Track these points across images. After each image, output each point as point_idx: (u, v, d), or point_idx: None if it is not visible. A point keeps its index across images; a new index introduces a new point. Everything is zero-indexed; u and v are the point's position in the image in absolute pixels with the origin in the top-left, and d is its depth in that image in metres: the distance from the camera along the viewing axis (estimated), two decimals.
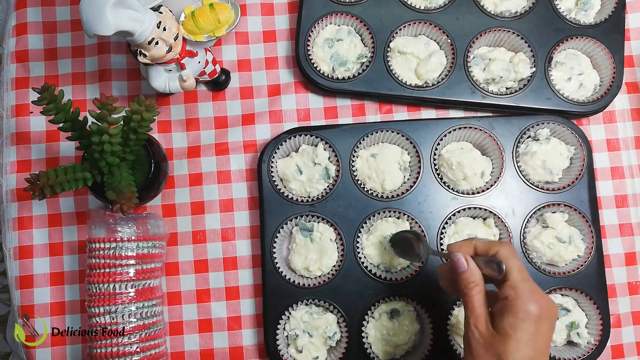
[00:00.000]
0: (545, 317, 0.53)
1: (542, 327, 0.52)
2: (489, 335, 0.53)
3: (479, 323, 0.54)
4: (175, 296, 0.77)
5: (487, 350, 0.53)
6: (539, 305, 0.52)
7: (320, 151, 0.76)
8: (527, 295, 0.53)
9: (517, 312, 0.52)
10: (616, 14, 0.79)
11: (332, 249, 0.75)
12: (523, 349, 0.51)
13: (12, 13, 0.84)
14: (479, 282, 0.56)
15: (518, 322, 0.52)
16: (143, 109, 0.62)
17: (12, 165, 0.80)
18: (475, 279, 0.56)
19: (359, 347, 0.73)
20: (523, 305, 0.52)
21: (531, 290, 0.53)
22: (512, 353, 0.51)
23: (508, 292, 0.54)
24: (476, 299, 0.55)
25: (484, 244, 0.58)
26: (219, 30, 0.69)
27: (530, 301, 0.52)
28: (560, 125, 0.77)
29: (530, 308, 0.52)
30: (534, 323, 0.52)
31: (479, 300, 0.55)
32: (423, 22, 0.80)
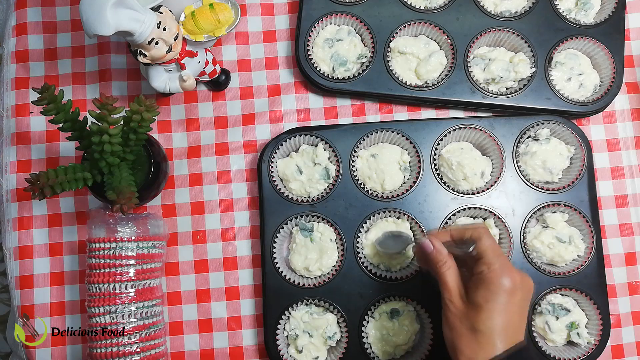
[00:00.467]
0: (518, 289, 0.56)
1: (515, 299, 0.55)
2: (463, 308, 0.56)
3: (452, 297, 0.57)
4: (175, 296, 0.77)
5: (462, 321, 0.56)
6: (511, 278, 0.56)
7: (320, 151, 0.76)
8: (499, 270, 0.56)
9: (489, 285, 0.55)
10: (616, 14, 0.79)
11: (332, 249, 0.75)
12: (495, 317, 0.54)
13: (12, 13, 0.84)
14: (447, 259, 0.59)
15: (490, 294, 0.55)
16: (143, 109, 0.62)
17: (12, 165, 0.80)
18: (443, 257, 0.59)
19: (359, 347, 0.73)
20: (495, 279, 0.55)
21: (503, 265, 0.56)
22: (484, 322, 0.54)
23: (482, 268, 0.57)
24: (447, 275, 0.58)
25: (457, 230, 0.62)
26: (219, 30, 0.69)
27: (503, 275, 0.56)
28: (560, 125, 0.77)
29: (503, 281, 0.55)
30: (506, 295, 0.55)
31: (450, 276, 0.58)
32: (423, 22, 0.80)
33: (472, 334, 0.55)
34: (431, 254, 0.60)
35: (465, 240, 0.60)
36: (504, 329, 0.54)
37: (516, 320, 0.56)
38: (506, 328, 0.55)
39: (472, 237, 0.59)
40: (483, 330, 0.54)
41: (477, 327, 0.55)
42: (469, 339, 0.55)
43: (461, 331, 0.56)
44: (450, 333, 0.57)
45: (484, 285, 0.56)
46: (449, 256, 0.60)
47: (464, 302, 0.57)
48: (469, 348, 0.55)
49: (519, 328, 0.56)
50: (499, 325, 0.54)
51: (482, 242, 0.58)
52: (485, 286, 0.56)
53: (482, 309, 0.55)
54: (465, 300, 0.57)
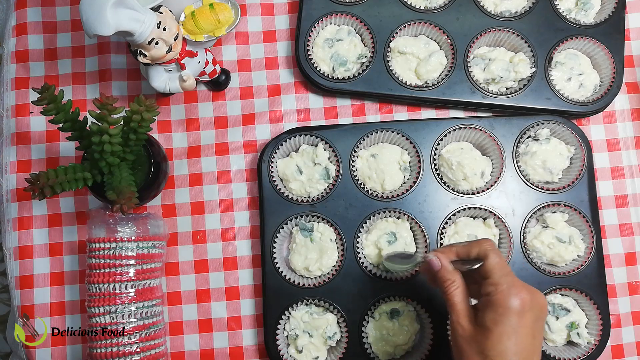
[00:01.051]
0: (528, 310, 0.53)
1: (525, 320, 0.53)
2: (471, 331, 0.54)
3: (460, 319, 0.55)
4: (175, 296, 0.77)
5: (470, 345, 0.53)
6: (520, 299, 0.53)
7: (320, 151, 0.76)
8: (507, 290, 0.53)
9: (497, 308, 0.53)
10: (616, 14, 0.79)
11: (332, 249, 0.75)
12: (504, 342, 0.52)
13: (12, 13, 0.84)
14: (455, 279, 0.57)
15: (498, 316, 0.52)
16: (143, 109, 0.62)
17: (12, 165, 0.80)
18: (451, 276, 0.57)
19: (359, 347, 0.73)
20: (503, 300, 0.53)
21: (511, 284, 0.54)
22: (494, 347, 0.52)
23: (489, 289, 0.54)
24: (455, 295, 0.56)
25: (463, 247, 0.59)
26: (219, 30, 0.69)
27: (510, 296, 0.53)
28: (560, 125, 0.77)
29: (511, 302, 0.53)
30: (516, 317, 0.52)
31: (458, 297, 0.56)
32: (423, 22, 0.80)
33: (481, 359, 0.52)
34: (439, 272, 0.58)
35: (472, 257, 0.58)
36: (516, 353, 0.52)
37: (528, 342, 0.53)
38: (518, 352, 0.52)
39: (479, 255, 0.57)
40: (493, 356, 0.52)
41: (486, 352, 0.52)
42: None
43: (470, 356, 0.53)
44: (458, 356, 0.55)
45: (492, 307, 0.53)
46: (456, 274, 0.57)
47: (473, 325, 0.54)
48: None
49: (533, 351, 0.53)
50: (509, 350, 0.51)
51: (488, 260, 0.56)
52: (493, 308, 0.53)
53: (491, 332, 0.52)
54: (474, 323, 0.54)
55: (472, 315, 0.55)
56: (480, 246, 0.57)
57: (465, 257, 0.59)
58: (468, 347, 0.53)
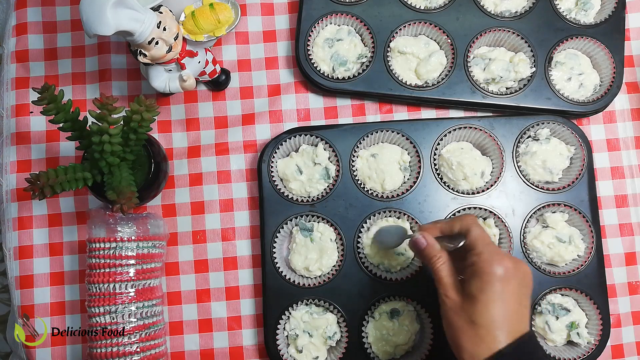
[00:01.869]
0: (512, 276, 0.54)
1: (510, 287, 0.54)
2: (459, 301, 0.55)
3: (447, 291, 0.56)
4: (175, 296, 0.77)
5: (460, 315, 0.55)
6: (503, 266, 0.54)
7: (320, 151, 0.76)
8: (490, 258, 0.55)
9: (482, 275, 0.54)
10: (616, 14, 0.79)
11: (332, 249, 0.75)
12: (491, 308, 0.53)
13: (12, 13, 0.84)
14: (441, 255, 0.59)
15: (483, 284, 0.54)
16: (143, 109, 0.62)
17: (12, 165, 0.80)
18: (436, 252, 0.59)
19: (359, 347, 0.73)
20: (487, 268, 0.54)
21: (493, 252, 0.55)
22: (482, 314, 0.53)
23: (473, 259, 0.56)
24: (441, 270, 0.58)
25: (446, 224, 0.61)
26: (219, 30, 0.69)
27: (493, 263, 0.54)
28: (560, 125, 0.77)
29: (494, 270, 0.54)
30: (500, 283, 0.54)
31: (444, 271, 0.58)
32: (423, 22, 0.80)
33: (471, 328, 0.53)
34: (425, 250, 0.60)
35: (455, 233, 0.60)
36: (504, 319, 0.53)
37: (515, 308, 0.54)
38: (506, 318, 0.53)
39: (461, 230, 0.59)
40: (481, 323, 0.53)
41: (475, 319, 0.53)
42: (468, 333, 0.53)
43: (460, 326, 0.54)
44: (449, 329, 0.56)
45: (476, 276, 0.55)
46: (442, 251, 0.59)
47: (460, 295, 0.56)
48: (470, 342, 0.53)
49: (520, 317, 0.54)
50: (498, 316, 0.53)
51: (470, 233, 0.58)
52: (478, 277, 0.54)
53: (477, 300, 0.53)
54: (461, 294, 0.56)
55: (459, 287, 0.57)
56: (463, 221, 0.59)
57: (448, 233, 0.61)
58: (457, 318, 0.55)
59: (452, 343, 0.56)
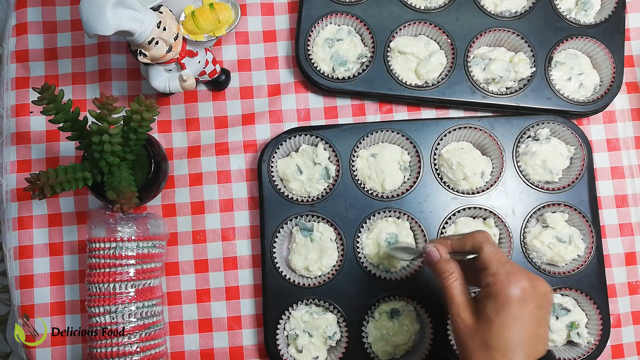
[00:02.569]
0: (530, 298, 0.51)
1: (527, 308, 0.51)
2: (473, 323, 0.52)
3: (461, 312, 0.53)
4: (175, 296, 0.77)
5: (473, 338, 0.52)
6: (520, 288, 0.51)
7: (320, 151, 0.76)
8: (506, 279, 0.52)
9: (498, 297, 0.51)
10: (616, 14, 0.79)
11: (332, 249, 0.75)
12: (507, 332, 0.50)
13: (12, 13, 0.84)
14: (454, 271, 0.55)
15: (499, 307, 0.51)
16: (143, 108, 0.62)
17: (12, 165, 0.80)
18: (450, 268, 0.56)
19: (359, 347, 0.73)
20: (503, 290, 0.51)
21: (509, 273, 0.52)
22: (497, 337, 0.50)
23: (488, 280, 0.53)
24: (454, 288, 0.55)
25: (457, 241, 0.58)
26: (219, 30, 0.69)
27: (510, 284, 0.51)
28: (560, 125, 0.77)
29: (511, 291, 0.51)
30: (517, 305, 0.51)
31: (457, 289, 0.55)
32: (423, 22, 0.80)
33: (485, 352, 0.51)
34: (437, 264, 0.57)
35: (466, 251, 0.57)
36: (520, 342, 0.50)
37: (533, 331, 0.51)
38: (523, 342, 0.50)
39: (473, 247, 0.56)
40: (496, 346, 0.50)
41: (489, 343, 0.50)
42: (482, 357, 0.51)
43: (473, 349, 0.51)
44: (463, 352, 0.53)
45: (492, 298, 0.52)
46: (455, 267, 0.56)
47: (474, 317, 0.53)
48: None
49: (538, 340, 0.52)
50: (514, 340, 0.50)
51: (483, 251, 0.54)
52: (493, 299, 0.52)
53: (492, 323, 0.51)
54: (475, 315, 0.53)
55: (472, 307, 0.54)
56: (474, 239, 0.56)
57: (459, 250, 0.58)
58: (470, 341, 0.52)
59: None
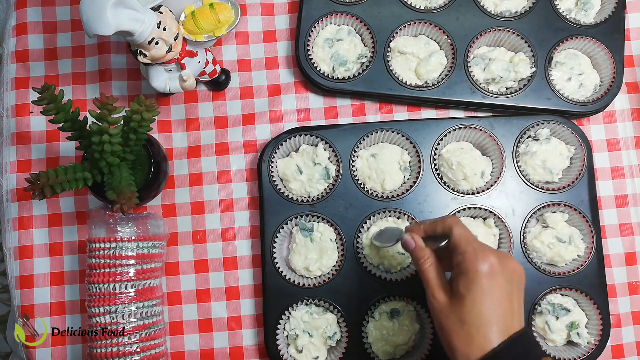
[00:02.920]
0: (498, 272, 0.53)
1: (497, 282, 0.53)
2: (446, 302, 0.55)
3: (435, 292, 0.56)
4: (175, 296, 0.77)
5: (448, 316, 0.54)
6: (487, 263, 0.53)
7: (320, 151, 0.76)
8: (474, 256, 0.54)
9: (467, 273, 0.54)
10: (616, 14, 0.79)
11: (332, 249, 0.75)
12: (479, 305, 0.52)
13: (12, 13, 0.84)
14: (428, 256, 0.58)
15: (469, 282, 0.53)
16: (143, 109, 0.62)
17: (12, 165, 0.80)
18: (425, 254, 0.58)
19: (359, 347, 0.73)
20: (471, 266, 0.54)
21: (477, 250, 0.55)
22: (470, 312, 0.52)
23: (458, 259, 0.55)
24: (429, 271, 0.57)
25: (429, 224, 0.60)
26: (219, 30, 0.69)
27: (478, 260, 0.54)
28: (560, 125, 0.77)
29: (479, 266, 0.53)
30: (486, 279, 0.53)
31: (432, 272, 0.57)
32: (423, 22, 0.80)
33: (461, 328, 0.53)
34: (413, 251, 0.60)
35: (438, 233, 0.59)
36: (493, 316, 0.52)
37: (505, 305, 0.53)
38: (496, 315, 0.52)
39: (444, 230, 0.58)
40: (470, 321, 0.52)
41: (463, 318, 0.52)
42: (459, 333, 0.53)
43: (450, 327, 0.53)
44: (441, 331, 0.55)
45: (462, 274, 0.54)
46: (429, 252, 0.59)
47: (447, 296, 0.55)
48: (461, 343, 0.52)
49: (511, 314, 0.53)
50: (486, 313, 0.52)
51: (453, 233, 0.57)
52: (463, 275, 0.54)
53: (464, 298, 0.53)
54: (449, 294, 0.55)
55: (446, 287, 0.56)
56: (445, 222, 0.58)
57: (431, 234, 0.60)
58: (446, 319, 0.54)
59: (445, 345, 0.55)
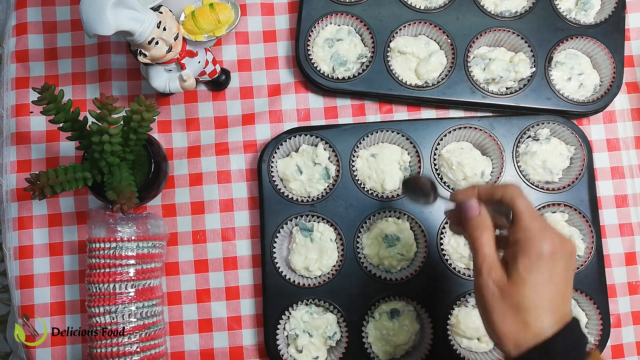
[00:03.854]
0: (560, 256, 0.49)
1: (559, 267, 0.48)
2: (504, 284, 0.49)
3: (492, 271, 0.49)
4: (175, 296, 0.77)
5: (504, 300, 0.48)
6: (551, 243, 0.49)
7: (320, 151, 0.76)
8: (539, 235, 0.49)
9: (530, 254, 0.48)
10: (616, 14, 0.79)
11: (332, 249, 0.75)
12: (541, 291, 0.48)
13: (12, 13, 0.84)
14: (489, 228, 0.52)
15: (532, 264, 0.48)
16: (143, 109, 0.63)
17: (12, 165, 0.80)
18: (487, 224, 0.52)
19: (359, 347, 0.73)
20: (535, 246, 0.48)
21: (542, 228, 0.49)
22: (530, 297, 0.47)
23: (518, 235, 0.50)
24: (487, 246, 0.51)
25: (487, 189, 0.53)
26: (219, 30, 0.69)
27: (542, 240, 0.48)
28: (560, 125, 0.77)
29: (544, 247, 0.48)
30: (549, 262, 0.48)
31: (490, 247, 0.51)
32: (423, 22, 0.80)
33: (516, 313, 0.47)
34: (475, 219, 0.52)
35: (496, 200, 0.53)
36: (552, 302, 0.48)
37: (563, 292, 0.49)
38: (554, 301, 0.48)
39: (504, 198, 0.51)
40: (528, 307, 0.47)
41: (521, 302, 0.47)
42: (512, 319, 0.48)
43: (504, 312, 0.48)
44: (490, 315, 0.49)
45: (523, 254, 0.48)
46: (490, 221, 0.52)
47: (504, 277, 0.49)
48: (513, 329, 0.47)
49: (566, 301, 0.49)
50: (546, 299, 0.47)
51: (516, 204, 0.50)
52: (525, 255, 0.48)
53: (526, 282, 0.47)
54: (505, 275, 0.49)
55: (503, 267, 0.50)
56: (506, 190, 0.52)
57: (487, 199, 0.53)
58: (500, 303, 0.48)
59: (492, 331, 0.49)
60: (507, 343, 0.48)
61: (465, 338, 0.73)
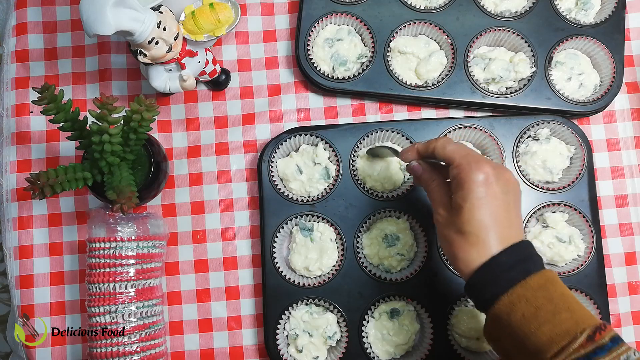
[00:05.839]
0: (494, 181, 0.54)
1: (493, 191, 0.54)
2: (448, 214, 0.57)
3: (438, 208, 0.58)
4: (175, 296, 0.77)
5: (450, 227, 0.56)
6: (482, 172, 0.54)
7: (320, 151, 0.76)
8: (469, 166, 0.55)
9: (463, 184, 0.55)
10: (616, 13, 0.79)
11: (332, 249, 0.75)
12: (477, 213, 0.53)
13: (12, 13, 0.84)
14: (435, 178, 0.60)
15: (465, 192, 0.54)
16: (143, 108, 0.63)
17: (12, 165, 0.80)
18: (432, 177, 0.61)
19: (359, 346, 0.73)
20: (467, 177, 0.54)
21: (471, 161, 0.55)
22: (468, 221, 0.54)
23: (453, 172, 0.57)
24: (436, 191, 0.60)
25: (422, 145, 0.61)
26: (219, 30, 0.69)
27: (472, 170, 0.54)
28: (561, 125, 0.77)
29: (474, 176, 0.54)
30: (482, 188, 0.54)
31: (438, 192, 0.59)
32: (423, 22, 0.80)
33: (461, 237, 0.54)
34: (422, 175, 0.62)
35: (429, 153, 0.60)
36: (490, 224, 0.53)
37: (501, 215, 0.54)
38: (493, 223, 0.53)
39: (436, 149, 0.59)
40: (469, 230, 0.54)
41: (463, 228, 0.54)
42: (459, 242, 0.54)
43: (451, 238, 0.55)
44: (444, 245, 0.57)
45: (459, 186, 0.55)
46: (436, 173, 0.60)
47: (448, 209, 0.57)
48: (462, 251, 0.54)
49: (509, 224, 0.54)
50: (484, 222, 0.53)
51: (445, 149, 0.58)
52: (460, 187, 0.55)
53: (462, 208, 0.54)
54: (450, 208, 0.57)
55: (449, 203, 0.57)
56: (435, 143, 0.59)
57: (424, 154, 0.61)
58: (448, 231, 0.56)
59: (448, 257, 0.57)
60: (460, 264, 0.55)
61: (465, 338, 0.73)
